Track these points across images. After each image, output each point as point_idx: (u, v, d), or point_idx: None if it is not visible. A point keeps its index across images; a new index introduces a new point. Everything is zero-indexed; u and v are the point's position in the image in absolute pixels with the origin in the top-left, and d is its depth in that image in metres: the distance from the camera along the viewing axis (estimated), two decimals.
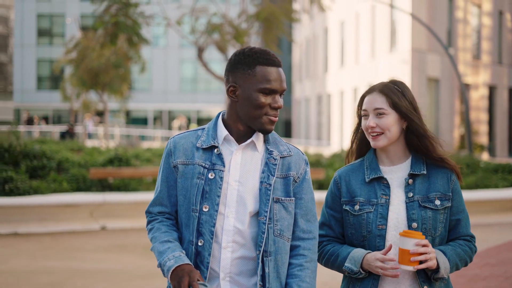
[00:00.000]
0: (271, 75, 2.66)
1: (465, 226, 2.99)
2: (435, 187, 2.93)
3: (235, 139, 2.71)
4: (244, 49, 2.71)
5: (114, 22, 17.65)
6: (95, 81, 24.80)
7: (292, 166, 2.76)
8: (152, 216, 2.78)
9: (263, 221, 2.65)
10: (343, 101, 43.32)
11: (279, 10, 18.27)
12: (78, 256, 9.38)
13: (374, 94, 2.98)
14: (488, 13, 39.47)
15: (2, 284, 7.62)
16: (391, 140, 2.95)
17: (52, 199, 11.45)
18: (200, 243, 2.63)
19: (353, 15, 40.53)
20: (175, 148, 2.73)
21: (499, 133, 40.11)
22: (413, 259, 2.72)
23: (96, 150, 16.21)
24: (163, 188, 2.75)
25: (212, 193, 2.65)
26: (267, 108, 2.67)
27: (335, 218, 3.03)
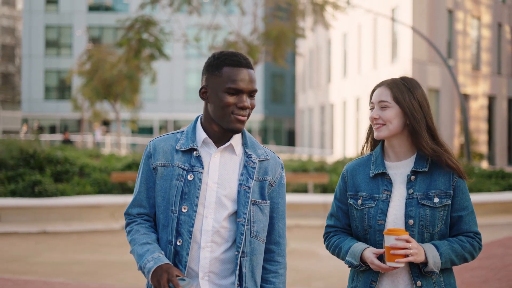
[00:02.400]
0: (237, 76, 2.69)
1: (468, 223, 2.99)
2: (436, 184, 2.97)
3: (214, 142, 2.77)
4: (215, 53, 2.81)
5: (138, 39, 18.84)
6: (108, 91, 25.81)
7: (268, 170, 2.83)
8: (130, 218, 2.81)
9: (241, 222, 2.71)
10: (346, 111, 44.12)
11: (288, 28, 19.47)
12: (104, 250, 10.33)
13: (381, 88, 3.07)
14: (487, 25, 40.30)
15: (40, 273, 8.55)
16: (392, 132, 3.00)
17: (77, 200, 12.40)
18: (179, 242, 2.69)
19: (355, 27, 41.36)
20: (154, 151, 2.78)
21: (498, 142, 40.84)
22: (393, 253, 2.78)
23: (113, 156, 17.18)
24: (142, 189, 2.79)
25: (191, 194, 2.70)
26: (233, 108, 2.70)
27: (342, 210, 3.11)
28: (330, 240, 3.13)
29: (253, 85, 2.73)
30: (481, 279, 7.90)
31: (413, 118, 2.97)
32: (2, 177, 13.21)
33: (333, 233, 3.14)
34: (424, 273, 2.89)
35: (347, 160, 19.67)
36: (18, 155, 14.19)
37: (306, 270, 8.76)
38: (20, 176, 13.13)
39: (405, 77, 3.09)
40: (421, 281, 2.90)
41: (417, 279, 2.90)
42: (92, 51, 28.03)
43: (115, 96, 26.27)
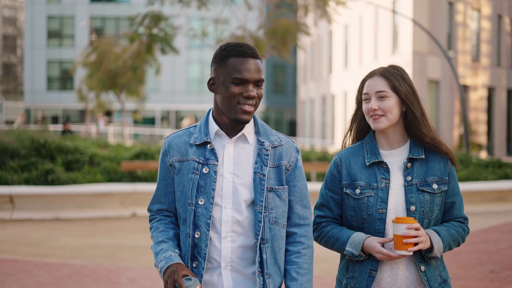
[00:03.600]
0: (242, 66, 2.70)
1: (459, 209, 3.05)
2: (433, 171, 2.99)
3: (226, 132, 2.79)
4: (222, 45, 2.82)
5: (149, 34, 19.39)
6: (114, 82, 26.22)
7: (283, 155, 2.83)
8: (152, 215, 2.91)
9: (259, 210, 2.73)
10: (347, 102, 44.49)
11: (293, 25, 20.07)
12: (118, 235, 10.80)
13: (375, 78, 3.03)
14: (487, 17, 40.60)
15: (59, 255, 9.01)
16: (391, 122, 2.99)
17: (89, 188, 12.86)
18: (197, 235, 2.71)
19: (356, 19, 41.67)
20: (169, 148, 2.82)
21: (497, 133, 41.23)
22: (406, 241, 2.79)
23: (120, 146, 17.64)
24: (160, 186, 2.85)
25: (207, 187, 2.71)
26: (240, 97, 2.70)
27: (334, 199, 3.07)
28: (321, 230, 3.08)
29: (259, 75, 2.73)
30: (476, 261, 8.36)
31: (411, 106, 2.98)
32: (15, 166, 13.67)
33: (325, 224, 3.08)
34: (427, 259, 2.93)
35: None
36: (29, 145, 14.65)
37: None
38: (33, 165, 13.60)
39: (394, 65, 3.09)
40: (424, 266, 2.94)
41: (420, 264, 2.93)
42: (98, 42, 28.44)
43: (120, 87, 26.69)
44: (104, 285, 7.25)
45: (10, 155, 14.24)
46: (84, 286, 7.19)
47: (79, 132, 41.90)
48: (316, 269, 8.37)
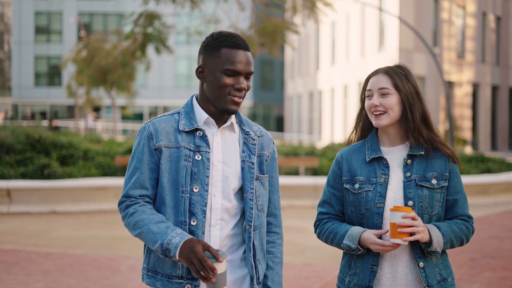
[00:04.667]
0: (235, 57, 2.69)
1: (462, 207, 3.03)
2: (433, 167, 2.99)
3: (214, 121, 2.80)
4: (214, 33, 2.79)
5: (144, 33, 19.87)
6: (104, 78, 26.57)
7: (264, 146, 2.88)
8: (132, 200, 2.72)
9: (250, 197, 2.75)
10: (334, 98, 44.95)
11: (283, 24, 20.69)
12: (114, 227, 11.19)
13: (379, 75, 3.05)
14: (472, 14, 41.14)
15: (59, 246, 9.40)
16: (392, 119, 3.01)
17: (84, 182, 13.24)
18: (193, 222, 2.68)
19: (343, 16, 42.11)
20: (156, 131, 2.73)
21: (482, 128, 41.81)
22: (400, 231, 2.77)
23: (113, 141, 18.01)
24: (144, 170, 2.72)
25: (200, 174, 2.70)
26: (230, 89, 2.70)
27: (336, 196, 3.11)
28: (323, 227, 3.12)
29: (250, 67, 2.74)
30: (458, 250, 8.80)
31: (411, 105, 3.01)
32: (11, 161, 14.03)
33: (326, 220, 3.13)
34: (427, 254, 2.92)
35: (335, 145, 20.58)
36: (25, 140, 15.01)
37: (300, 243, 9.67)
38: (29, 159, 13.96)
39: (399, 65, 3.11)
40: (423, 262, 2.93)
41: (419, 260, 2.93)
42: (88, 39, 28.75)
43: (111, 83, 27.03)
44: (105, 272, 7.64)
45: (6, 150, 14.58)
46: (86, 273, 7.58)
47: (68, 127, 42.16)
48: (306, 257, 8.82)
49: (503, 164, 18.54)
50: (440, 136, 3.07)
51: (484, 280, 7.35)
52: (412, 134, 3.01)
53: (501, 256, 8.74)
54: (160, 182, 2.72)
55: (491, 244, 9.38)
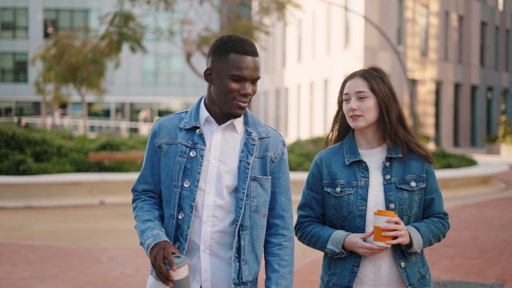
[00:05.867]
0: (243, 63, 2.71)
1: (438, 205, 3.10)
2: (411, 169, 3.04)
3: (216, 120, 2.82)
4: (223, 36, 2.81)
5: (119, 33, 20.29)
6: (74, 76, 26.74)
7: (269, 147, 2.87)
8: (137, 195, 2.92)
9: (240, 197, 2.76)
10: (300, 95, 45.49)
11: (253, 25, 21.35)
12: (90, 221, 11.58)
13: (356, 79, 3.07)
14: (435, 13, 41.97)
15: (40, 238, 9.76)
16: (369, 122, 3.04)
17: (59, 178, 13.58)
18: (181, 216, 2.74)
19: (310, 14, 42.65)
20: (159, 129, 2.85)
21: (444, 125, 42.70)
22: (384, 234, 2.83)
23: (85, 138, 18.31)
24: (147, 166, 2.89)
25: (193, 170, 2.75)
26: (236, 94, 2.73)
27: (316, 199, 3.13)
28: (304, 230, 3.15)
29: (257, 73, 2.77)
30: None
31: (388, 108, 3.05)
32: None
33: (307, 223, 3.15)
34: (407, 255, 2.98)
35: (302, 142, 21.08)
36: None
37: None
38: (4, 156, 14.23)
39: (375, 67, 3.13)
40: (404, 262, 2.99)
41: (400, 260, 2.98)
42: (58, 36, 28.89)
43: (80, 81, 27.23)
44: (87, 262, 8.05)
45: None
46: (68, 263, 7.98)
47: (35, 124, 42.12)
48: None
49: (464, 160, 19.27)
50: (415, 137, 3.12)
51: (442, 267, 7.91)
52: (389, 136, 3.05)
53: (458, 246, 9.32)
54: (161, 177, 2.84)
55: (450, 235, 9.94)
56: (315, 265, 7.98)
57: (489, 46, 47.59)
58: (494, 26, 48.26)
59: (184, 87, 60.06)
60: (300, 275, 7.41)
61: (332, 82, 39.36)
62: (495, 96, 48.35)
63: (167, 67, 60.66)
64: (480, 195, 16.39)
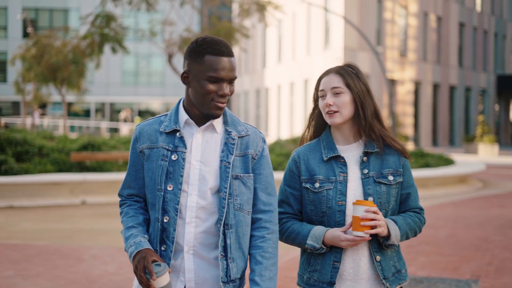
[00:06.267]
0: (218, 64, 2.73)
1: (414, 200, 3.13)
2: (388, 164, 3.07)
3: (195, 122, 2.84)
4: (198, 39, 2.83)
5: (101, 33, 20.42)
6: (54, 76, 26.72)
7: (250, 145, 2.89)
8: (122, 200, 2.97)
9: (223, 196, 2.77)
10: (280, 95, 45.69)
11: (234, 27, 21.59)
12: (72, 220, 11.66)
13: (331, 75, 3.09)
14: (414, 14, 42.35)
15: (23, 238, 9.84)
16: (345, 118, 3.06)
17: (40, 178, 13.64)
18: (166, 219, 2.77)
19: (290, 15, 42.86)
20: (140, 135, 2.87)
21: (423, 125, 43.10)
22: (363, 224, 2.84)
23: (66, 138, 18.35)
24: (131, 171, 2.92)
25: (175, 173, 2.78)
26: (214, 95, 2.75)
27: (294, 195, 3.14)
28: (282, 227, 3.13)
29: (233, 73, 2.79)
30: None
31: (363, 103, 3.06)
32: None
33: (285, 220, 3.14)
34: (385, 247, 3.00)
35: (283, 141, 21.26)
36: None
37: None
38: None
39: (350, 64, 3.14)
40: (379, 256, 3.01)
41: (376, 254, 3.00)
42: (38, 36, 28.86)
43: (61, 81, 27.21)
44: (70, 261, 8.16)
45: None
46: (52, 262, 8.09)
47: (15, 124, 41.97)
48: None
49: (441, 159, 19.54)
50: (391, 132, 3.14)
51: (419, 264, 8.10)
52: (364, 131, 3.07)
53: (435, 243, 9.53)
54: (145, 182, 2.87)
55: (427, 233, 10.15)
56: (295, 262, 8.14)
57: (467, 47, 48.09)
58: (472, 27, 48.76)
59: (164, 87, 60.05)
60: (281, 272, 7.57)
61: (312, 83, 39.57)
62: (473, 96, 48.84)
63: (147, 67, 60.62)
64: (458, 194, 16.66)
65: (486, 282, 7.20)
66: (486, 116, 48.79)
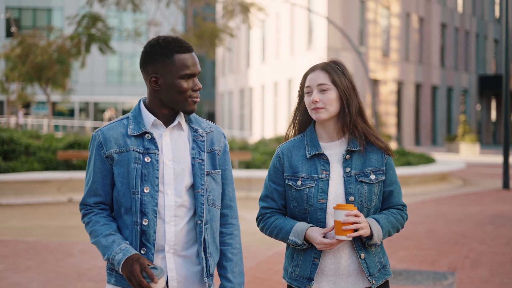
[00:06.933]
0: (188, 61, 2.78)
1: (397, 196, 3.14)
2: (370, 162, 3.06)
3: (163, 123, 2.85)
4: (157, 40, 2.82)
5: (88, 34, 20.67)
6: (39, 75, 26.81)
7: (214, 141, 2.94)
8: (87, 209, 2.86)
9: (201, 193, 2.82)
10: (264, 95, 45.95)
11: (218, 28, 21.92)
12: (60, 218, 11.85)
13: (317, 72, 3.09)
14: (397, 15, 42.75)
15: (12, 234, 10.03)
16: (331, 114, 3.06)
17: (28, 176, 13.81)
18: (145, 222, 2.75)
19: (273, 15, 43.15)
20: (105, 140, 2.81)
21: (406, 124, 43.52)
22: (345, 228, 2.86)
23: (52, 137, 18.50)
24: (96, 178, 2.83)
25: (150, 175, 2.77)
26: (190, 92, 2.79)
27: (278, 191, 3.15)
28: (266, 221, 3.17)
29: (199, 67, 2.87)
30: None
31: (349, 100, 3.07)
32: None
33: (269, 215, 3.18)
34: (368, 246, 3.02)
35: (267, 140, 21.54)
36: None
37: None
38: None
39: (335, 61, 3.14)
40: (364, 254, 3.03)
41: (360, 252, 3.02)
42: (22, 35, 28.92)
43: (46, 80, 27.31)
44: (59, 256, 8.36)
45: None
46: (42, 257, 8.28)
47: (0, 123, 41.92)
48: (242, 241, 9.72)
49: (422, 158, 19.90)
50: (374, 130, 3.14)
51: (398, 258, 8.38)
52: (348, 128, 3.07)
53: (415, 238, 9.82)
54: (116, 186, 2.82)
55: (408, 228, 10.43)
56: (278, 256, 8.40)
57: (449, 47, 48.59)
58: (454, 27, 49.27)
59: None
60: (264, 265, 7.82)
61: (296, 82, 39.86)
62: (455, 96, 49.35)
63: (131, 67, 60.63)
64: (438, 192, 16.99)
65: (462, 274, 7.49)
66: (468, 116, 49.33)
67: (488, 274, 7.50)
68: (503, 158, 17.47)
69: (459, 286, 6.99)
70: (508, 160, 17.40)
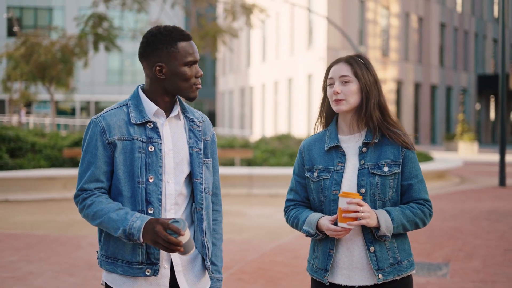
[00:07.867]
0: (191, 48, 2.81)
1: (418, 191, 3.07)
2: (386, 154, 3.05)
3: (164, 112, 2.87)
4: (159, 29, 2.84)
5: (95, 33, 21.13)
6: (43, 74, 27.14)
7: (206, 131, 3.02)
8: (88, 193, 2.77)
9: (199, 181, 2.89)
10: (265, 94, 46.22)
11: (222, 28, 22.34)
12: (68, 213, 12.18)
13: (340, 64, 3.12)
14: (396, 15, 43.01)
15: (22, 228, 10.36)
16: (352, 106, 3.08)
17: (35, 173, 14.15)
18: (150, 210, 2.77)
19: (273, 15, 43.41)
20: (108, 126, 2.79)
21: (405, 124, 43.73)
22: (345, 216, 2.86)
23: (57, 135, 18.84)
24: (99, 164, 2.78)
25: (154, 164, 2.79)
26: (193, 78, 2.83)
27: (301, 184, 3.22)
28: (289, 213, 3.24)
29: (198, 54, 2.90)
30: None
31: (368, 93, 3.08)
32: None
33: (292, 207, 3.24)
34: (378, 238, 2.97)
35: (267, 139, 21.84)
36: None
37: (237, 224, 10.88)
38: None
39: (359, 55, 3.17)
40: (374, 247, 2.99)
41: (370, 244, 3.00)
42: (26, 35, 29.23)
43: (50, 79, 27.63)
44: (69, 248, 8.70)
45: None
46: (53, 249, 8.63)
47: (1, 122, 42.22)
48: (244, 235, 10.05)
49: (421, 156, 20.18)
50: (396, 125, 3.14)
51: None
52: (364, 121, 3.09)
53: (411, 233, 10.07)
54: (115, 174, 2.80)
55: None
56: (280, 248, 8.74)
57: (448, 47, 48.88)
58: (453, 27, 49.56)
59: None
60: (267, 257, 8.16)
61: (296, 82, 40.18)
62: (454, 96, 49.64)
63: (132, 66, 60.91)
64: (436, 189, 17.29)
65: (456, 265, 7.82)
66: (467, 115, 49.61)
67: (481, 265, 7.83)
68: (500, 156, 17.79)
69: (453, 276, 7.33)
70: (505, 158, 17.73)
